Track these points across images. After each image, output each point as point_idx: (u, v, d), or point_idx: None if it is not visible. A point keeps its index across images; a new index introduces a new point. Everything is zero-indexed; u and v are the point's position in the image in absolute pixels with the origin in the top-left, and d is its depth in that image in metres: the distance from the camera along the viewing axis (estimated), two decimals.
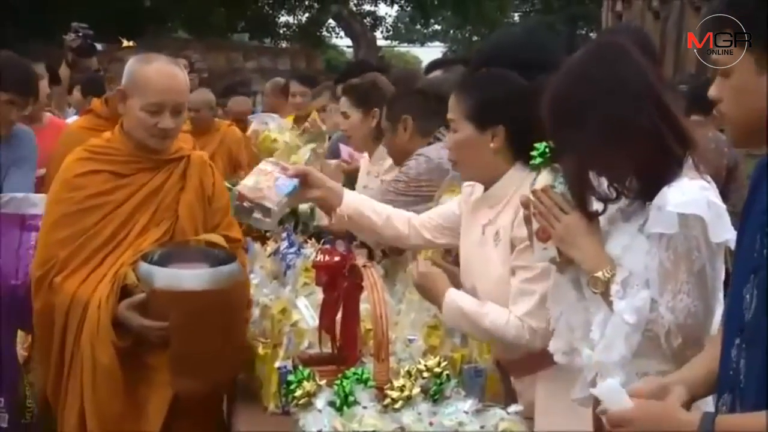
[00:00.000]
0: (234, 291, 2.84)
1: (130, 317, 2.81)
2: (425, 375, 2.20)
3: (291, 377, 2.27)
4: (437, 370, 2.21)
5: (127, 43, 5.96)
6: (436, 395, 2.19)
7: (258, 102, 10.03)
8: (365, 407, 2.14)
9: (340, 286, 2.60)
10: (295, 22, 25.34)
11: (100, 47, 6.34)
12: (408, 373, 2.22)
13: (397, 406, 2.13)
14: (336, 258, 2.62)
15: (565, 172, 2.12)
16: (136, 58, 3.05)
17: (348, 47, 27.72)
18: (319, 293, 2.80)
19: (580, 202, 2.11)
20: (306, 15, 24.94)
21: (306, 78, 6.90)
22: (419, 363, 2.25)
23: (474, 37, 30.33)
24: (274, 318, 2.92)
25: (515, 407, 2.21)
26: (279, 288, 3.19)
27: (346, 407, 2.14)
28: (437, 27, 33.69)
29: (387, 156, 3.87)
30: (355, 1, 25.36)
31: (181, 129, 3.16)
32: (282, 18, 25.12)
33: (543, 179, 2.16)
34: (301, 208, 3.97)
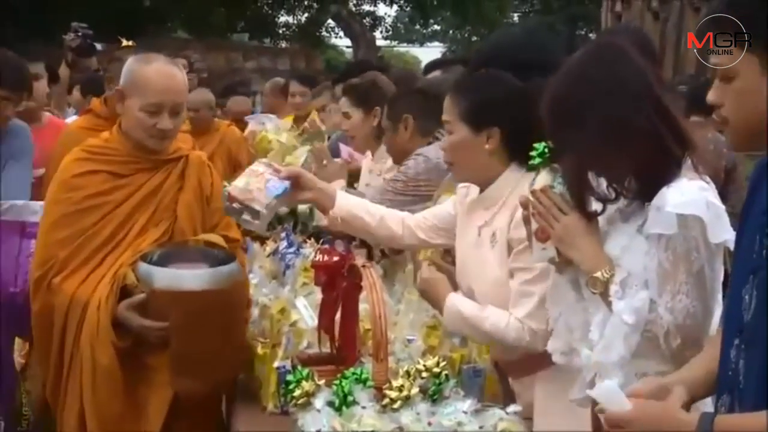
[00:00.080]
0: (234, 291, 2.84)
1: (129, 317, 2.81)
2: (424, 375, 2.20)
3: (290, 377, 2.27)
4: (436, 370, 2.21)
5: (127, 43, 5.94)
6: (434, 395, 2.19)
7: (257, 102, 10.02)
8: (364, 407, 2.14)
9: (339, 286, 2.60)
10: (295, 22, 25.36)
11: (99, 47, 6.33)
12: (407, 373, 2.22)
13: (396, 406, 2.13)
14: (335, 258, 2.61)
15: (564, 172, 2.12)
16: (134, 58, 3.03)
17: (347, 47, 27.75)
18: (318, 293, 2.79)
19: (579, 202, 2.11)
20: (305, 15, 24.95)
21: (306, 78, 6.90)
22: (418, 363, 2.25)
23: (473, 38, 30.32)
24: (273, 318, 2.92)
25: (514, 407, 2.21)
26: (278, 288, 3.19)
27: (344, 407, 2.14)
28: (436, 27, 33.68)
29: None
30: (355, 1, 25.36)
31: (180, 129, 3.16)
32: (281, 18, 25.14)
33: (542, 179, 2.15)
34: (300, 208, 3.95)
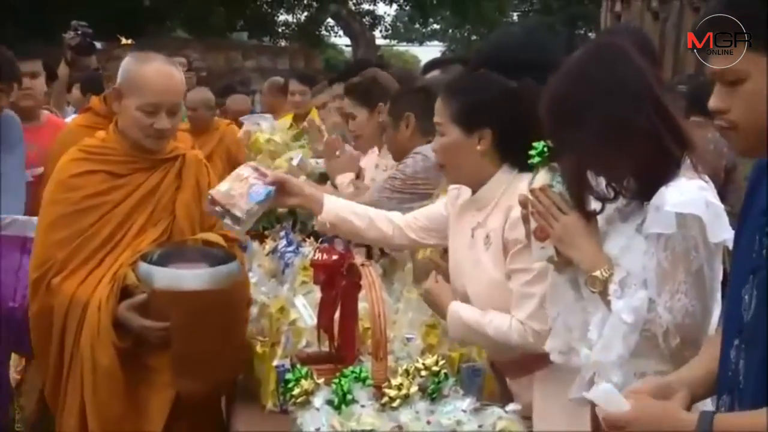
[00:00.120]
0: (234, 290, 2.84)
1: (130, 318, 2.80)
2: (423, 374, 2.20)
3: (289, 376, 2.27)
4: (435, 368, 2.20)
5: (126, 42, 5.93)
6: (434, 394, 2.18)
7: (257, 101, 10.02)
8: (363, 406, 2.14)
9: (338, 284, 2.60)
10: (294, 21, 25.37)
11: (99, 46, 6.32)
12: (406, 372, 2.22)
13: (395, 404, 2.13)
14: (334, 257, 2.61)
15: (564, 171, 2.12)
16: (132, 56, 3.01)
17: (347, 46, 27.75)
18: (318, 292, 2.79)
19: (578, 201, 2.11)
20: (305, 14, 24.97)
21: (305, 77, 6.91)
22: (417, 362, 2.25)
23: (473, 37, 30.35)
24: (272, 316, 2.92)
25: (513, 406, 2.20)
26: (277, 286, 3.19)
27: (344, 406, 2.14)
28: (436, 26, 33.71)
29: None
30: (354, 0, 25.37)
31: (179, 128, 3.16)
32: (281, 17, 25.16)
33: (541, 179, 2.15)
34: None
